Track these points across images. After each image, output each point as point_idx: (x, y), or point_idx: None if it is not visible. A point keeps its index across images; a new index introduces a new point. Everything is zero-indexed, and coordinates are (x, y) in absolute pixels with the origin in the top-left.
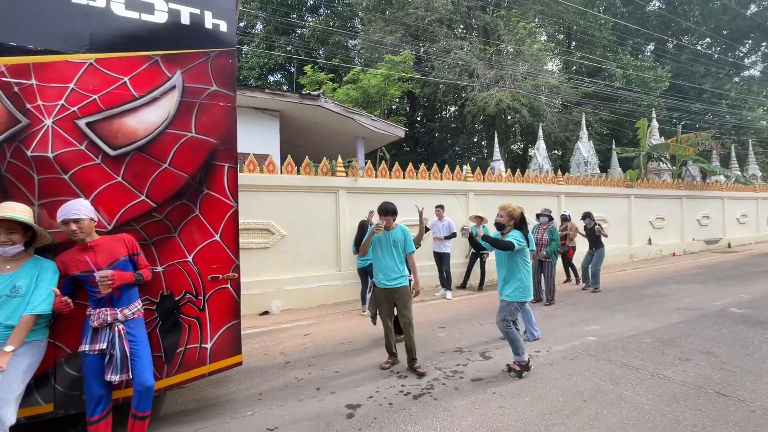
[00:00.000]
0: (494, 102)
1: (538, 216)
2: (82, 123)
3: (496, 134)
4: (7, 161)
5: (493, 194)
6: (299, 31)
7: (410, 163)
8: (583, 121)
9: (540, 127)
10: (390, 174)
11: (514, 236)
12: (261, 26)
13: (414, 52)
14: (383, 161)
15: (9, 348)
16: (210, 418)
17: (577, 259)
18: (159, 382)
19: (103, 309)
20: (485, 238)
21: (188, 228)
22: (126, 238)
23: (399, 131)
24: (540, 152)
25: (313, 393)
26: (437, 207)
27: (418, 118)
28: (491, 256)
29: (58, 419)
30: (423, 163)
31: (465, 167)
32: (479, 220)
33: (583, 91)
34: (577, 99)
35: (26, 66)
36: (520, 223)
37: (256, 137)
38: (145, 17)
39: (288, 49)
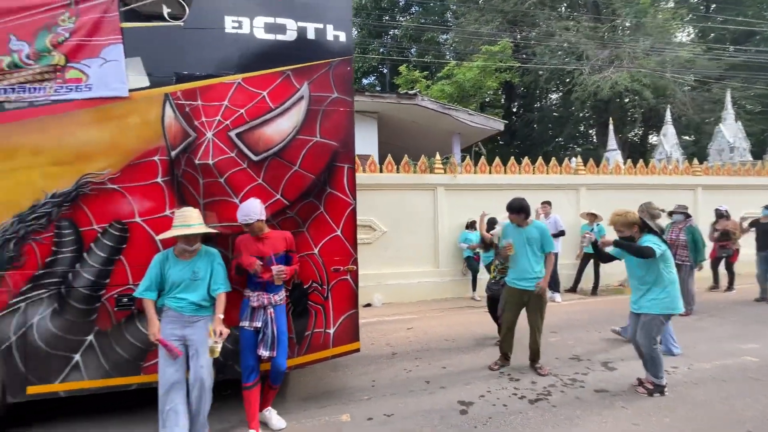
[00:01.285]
0: (608, 85)
1: (670, 214)
2: (233, 134)
3: (611, 121)
4: (182, 169)
5: (608, 188)
6: (392, 32)
7: (512, 158)
8: (728, 99)
9: (668, 110)
10: (490, 169)
11: (651, 241)
12: (356, 32)
13: (512, 40)
14: (481, 156)
15: (221, 315)
16: (332, 398)
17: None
18: (291, 360)
19: (261, 293)
20: (617, 243)
21: (314, 223)
22: (287, 236)
23: (498, 124)
24: (667, 138)
25: (423, 386)
26: (543, 203)
27: (515, 110)
28: None
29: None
30: (525, 157)
31: (574, 159)
32: (592, 218)
33: (726, 63)
34: (719, 73)
35: (194, 90)
36: (646, 225)
37: (356, 139)
38: (279, 37)
39: (380, 51)
